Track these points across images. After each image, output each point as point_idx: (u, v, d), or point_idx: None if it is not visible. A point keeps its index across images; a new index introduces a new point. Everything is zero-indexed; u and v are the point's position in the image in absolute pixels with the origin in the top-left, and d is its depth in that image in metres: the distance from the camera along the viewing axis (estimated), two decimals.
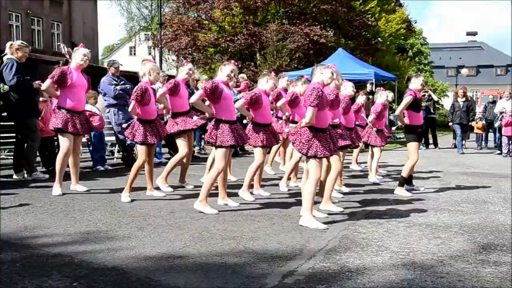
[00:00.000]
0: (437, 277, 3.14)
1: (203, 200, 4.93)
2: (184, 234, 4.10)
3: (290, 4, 21.09)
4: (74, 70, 5.81)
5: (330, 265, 3.35)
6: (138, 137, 5.50)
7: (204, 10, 22.05)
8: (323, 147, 4.44)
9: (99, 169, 8.07)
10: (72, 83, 5.73)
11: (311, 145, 4.43)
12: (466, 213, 5.22)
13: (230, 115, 5.03)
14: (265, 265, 3.32)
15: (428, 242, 3.98)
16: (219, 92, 4.90)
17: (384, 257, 3.55)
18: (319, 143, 4.44)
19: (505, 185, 7.37)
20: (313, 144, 4.43)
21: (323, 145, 4.44)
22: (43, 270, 3.13)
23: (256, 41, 20.35)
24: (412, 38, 35.29)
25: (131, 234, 4.06)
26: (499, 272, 3.28)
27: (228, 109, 5.02)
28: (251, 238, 3.99)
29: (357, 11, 22.23)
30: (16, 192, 5.83)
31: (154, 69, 5.63)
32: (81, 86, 5.88)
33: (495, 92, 24.33)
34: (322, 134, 4.50)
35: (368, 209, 5.35)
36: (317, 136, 4.46)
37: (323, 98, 4.42)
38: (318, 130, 4.48)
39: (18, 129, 6.99)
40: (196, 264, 3.33)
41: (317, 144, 4.43)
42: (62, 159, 5.77)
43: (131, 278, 3.03)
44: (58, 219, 4.58)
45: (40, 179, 6.86)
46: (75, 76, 5.77)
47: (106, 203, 5.33)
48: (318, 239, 3.99)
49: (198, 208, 4.92)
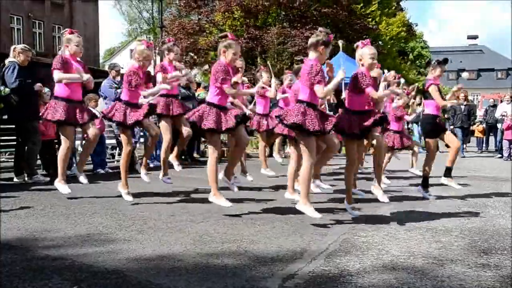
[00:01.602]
0: (438, 281, 3.14)
1: (217, 193, 4.92)
2: (184, 237, 4.10)
3: (291, 8, 21.12)
4: (69, 58, 5.56)
5: (331, 268, 3.35)
6: (116, 117, 5.41)
7: (205, 14, 22.10)
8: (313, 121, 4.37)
9: (99, 172, 8.08)
10: (73, 70, 5.52)
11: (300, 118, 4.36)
12: (466, 216, 5.21)
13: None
14: (265, 268, 3.32)
15: (429, 246, 3.97)
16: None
17: (384, 261, 3.55)
18: (310, 117, 4.37)
19: (506, 188, 7.36)
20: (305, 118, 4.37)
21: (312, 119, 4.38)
22: (43, 273, 3.13)
23: (257, 45, 20.38)
24: (412, 41, 35.34)
25: (131, 237, 4.06)
26: (500, 276, 3.27)
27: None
28: (251, 241, 3.99)
29: (357, 15, 22.26)
30: (17, 195, 5.84)
31: (140, 53, 5.47)
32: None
33: (496, 96, 24.34)
34: (313, 110, 4.45)
35: (368, 213, 5.34)
36: (308, 111, 4.42)
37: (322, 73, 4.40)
38: (310, 105, 4.46)
39: (19, 132, 7.00)
40: (197, 267, 3.33)
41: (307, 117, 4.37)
42: (65, 152, 5.61)
43: (131, 281, 3.02)
44: (59, 222, 4.58)
45: (40, 182, 6.87)
46: (74, 65, 5.56)
47: (107, 206, 5.33)
48: (318, 243, 3.99)
49: (213, 200, 4.93)
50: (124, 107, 5.43)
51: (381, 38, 24.29)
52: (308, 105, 4.44)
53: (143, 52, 5.48)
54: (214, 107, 4.80)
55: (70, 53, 5.58)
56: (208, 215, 4.95)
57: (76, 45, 5.59)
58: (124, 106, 5.44)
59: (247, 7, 20.59)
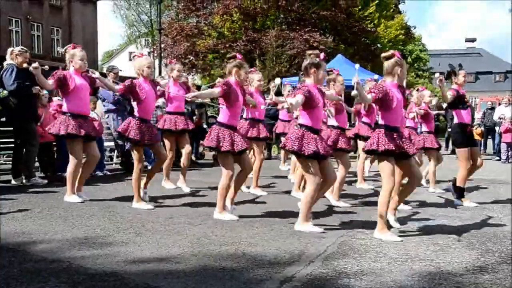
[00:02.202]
0: (435, 284, 3.14)
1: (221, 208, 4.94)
2: (182, 239, 4.09)
3: (290, 10, 21.16)
4: (74, 74, 5.66)
5: (328, 271, 3.35)
6: (131, 135, 5.34)
7: (203, 16, 22.12)
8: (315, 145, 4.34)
9: (97, 175, 8.07)
10: (76, 87, 5.59)
11: (302, 143, 4.34)
12: (464, 219, 5.22)
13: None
14: (263, 270, 3.32)
15: (427, 249, 3.98)
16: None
17: (382, 263, 3.55)
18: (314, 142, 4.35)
19: (503, 191, 7.38)
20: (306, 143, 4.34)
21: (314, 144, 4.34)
22: (40, 275, 3.12)
23: (255, 47, 20.39)
24: (411, 44, 35.41)
25: (129, 240, 4.06)
26: (497, 279, 3.27)
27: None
28: (249, 244, 3.99)
29: (356, 17, 22.31)
30: (15, 198, 5.82)
31: (142, 65, 5.47)
32: (85, 89, 5.74)
33: (494, 99, 24.37)
34: (312, 133, 4.42)
35: (367, 215, 5.34)
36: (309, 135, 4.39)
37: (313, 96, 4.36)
38: (309, 130, 4.43)
39: (17, 134, 7.00)
40: (195, 269, 3.33)
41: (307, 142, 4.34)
42: (74, 169, 5.63)
43: (129, 284, 3.02)
44: (56, 224, 4.58)
45: (38, 184, 6.86)
46: (77, 80, 5.63)
47: (104, 209, 5.32)
48: (316, 245, 3.99)
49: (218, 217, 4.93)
50: (139, 125, 5.38)
51: (379, 40, 24.35)
52: (307, 129, 4.41)
53: (141, 63, 5.50)
54: (226, 128, 4.85)
55: (75, 68, 5.65)
56: (206, 218, 4.94)
57: (80, 59, 5.65)
58: (139, 123, 5.39)
59: (245, 10, 20.62)
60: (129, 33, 42.58)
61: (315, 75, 4.45)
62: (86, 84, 5.76)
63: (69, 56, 5.70)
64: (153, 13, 37.33)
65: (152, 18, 38.26)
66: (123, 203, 5.66)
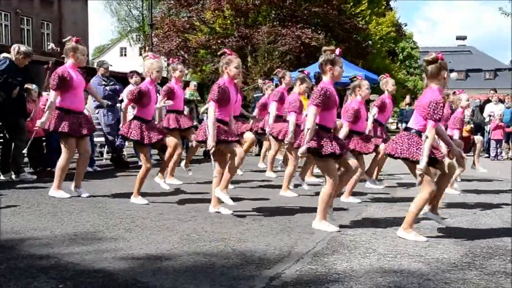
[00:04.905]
0: (424, 280, 3.16)
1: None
2: (172, 235, 4.09)
3: (281, 7, 21.16)
4: (70, 69, 5.53)
5: (318, 267, 3.36)
6: (133, 136, 5.33)
7: (195, 11, 22.05)
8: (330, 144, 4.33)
9: (87, 171, 8.01)
10: (73, 84, 5.50)
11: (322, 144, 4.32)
12: (453, 215, 5.25)
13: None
14: (252, 267, 3.32)
15: (415, 245, 4.00)
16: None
17: (371, 260, 3.57)
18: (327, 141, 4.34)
19: (492, 188, 7.43)
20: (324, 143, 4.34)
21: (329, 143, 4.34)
22: (29, 272, 3.11)
23: (247, 43, 20.38)
24: (402, 41, 35.56)
25: (118, 236, 4.04)
26: (485, 274, 3.30)
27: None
28: (239, 240, 3.99)
29: (348, 14, 22.37)
30: (3, 193, 5.77)
31: (152, 68, 5.45)
32: (81, 85, 5.67)
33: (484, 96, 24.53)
34: (326, 132, 4.40)
35: (357, 211, 5.36)
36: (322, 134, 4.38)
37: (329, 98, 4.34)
38: (322, 129, 4.40)
39: (6, 130, 6.93)
40: (184, 265, 3.32)
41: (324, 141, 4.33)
42: (64, 165, 5.61)
43: (117, 280, 3.01)
44: (45, 220, 4.55)
45: (27, 180, 6.80)
46: (74, 75, 5.53)
47: (94, 205, 5.30)
48: (306, 241, 4.00)
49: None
50: (140, 125, 5.36)
51: (371, 37, 24.43)
52: (320, 128, 4.37)
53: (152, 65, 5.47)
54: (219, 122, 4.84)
55: (75, 62, 5.57)
56: (196, 214, 4.94)
57: (82, 54, 5.60)
58: (139, 123, 5.37)
59: (237, 6, 20.59)
60: (120, 28, 42.35)
61: (331, 72, 4.40)
62: (82, 79, 5.70)
63: (71, 49, 5.55)
64: (145, 7, 37.10)
65: (143, 13, 38.05)
66: (113, 199, 5.64)
